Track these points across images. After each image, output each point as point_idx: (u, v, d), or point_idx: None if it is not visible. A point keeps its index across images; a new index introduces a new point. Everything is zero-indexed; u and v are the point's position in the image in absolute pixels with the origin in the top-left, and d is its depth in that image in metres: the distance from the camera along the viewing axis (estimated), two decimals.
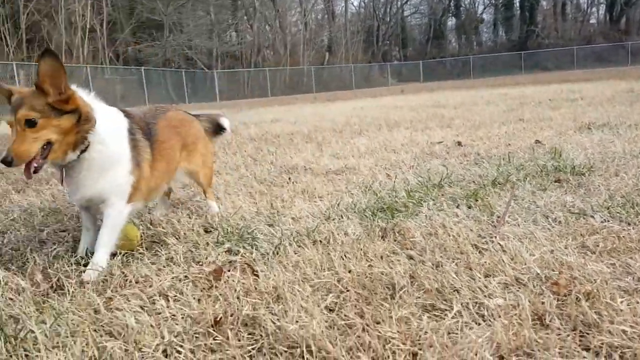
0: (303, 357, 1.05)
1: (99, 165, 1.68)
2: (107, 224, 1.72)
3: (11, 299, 1.44)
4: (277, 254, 1.67)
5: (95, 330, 1.21)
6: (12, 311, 1.35)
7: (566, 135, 3.95)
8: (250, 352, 1.08)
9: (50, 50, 1.52)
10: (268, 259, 1.64)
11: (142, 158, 1.81)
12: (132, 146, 1.78)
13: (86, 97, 1.69)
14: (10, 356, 1.11)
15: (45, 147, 1.54)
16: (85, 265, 1.67)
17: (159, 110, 2.08)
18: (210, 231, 2.00)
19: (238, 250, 1.73)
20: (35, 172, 1.54)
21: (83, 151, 1.63)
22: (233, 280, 1.46)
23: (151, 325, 1.21)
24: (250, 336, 1.15)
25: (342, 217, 2.05)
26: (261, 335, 1.14)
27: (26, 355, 1.11)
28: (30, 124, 1.50)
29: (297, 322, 1.18)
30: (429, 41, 45.36)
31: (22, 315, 1.31)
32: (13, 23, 25.02)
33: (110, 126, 1.72)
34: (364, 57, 41.82)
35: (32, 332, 1.19)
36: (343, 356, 1.02)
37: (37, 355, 1.10)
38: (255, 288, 1.40)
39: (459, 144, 3.95)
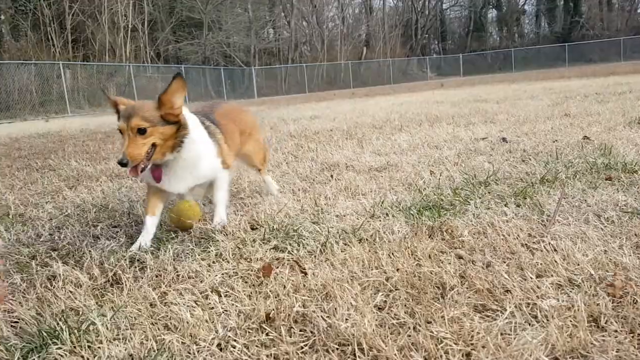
0: (355, 355, 1.06)
1: (193, 160, 2.01)
2: (218, 187, 2.17)
3: (71, 292, 1.50)
4: (324, 251, 1.69)
5: (152, 324, 1.25)
6: (73, 304, 1.41)
7: (615, 130, 3.81)
8: (302, 348, 1.10)
9: (181, 74, 1.90)
10: (315, 256, 1.65)
11: (218, 139, 2.18)
12: (209, 134, 2.14)
13: None
14: (74, 347, 1.16)
15: (149, 150, 1.83)
16: (138, 260, 1.73)
17: (214, 104, 2.44)
18: (257, 228, 2.04)
19: (285, 248, 1.75)
20: (141, 171, 1.83)
21: (179, 150, 1.94)
22: (282, 277, 1.48)
23: (205, 320, 1.24)
24: (301, 333, 1.17)
25: (387, 215, 2.05)
26: (312, 332, 1.16)
27: (89, 346, 1.16)
28: (141, 131, 1.79)
29: (347, 320, 1.19)
30: (469, 34, 44.53)
31: (83, 307, 1.37)
32: (59, 24, 25.91)
33: (193, 124, 2.02)
34: (402, 52, 41.37)
35: (94, 324, 1.24)
36: (395, 355, 1.03)
37: (99, 347, 1.15)
38: (304, 285, 1.41)
39: (504, 140, 3.87)
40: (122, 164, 1.75)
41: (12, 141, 7.30)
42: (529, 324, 1.13)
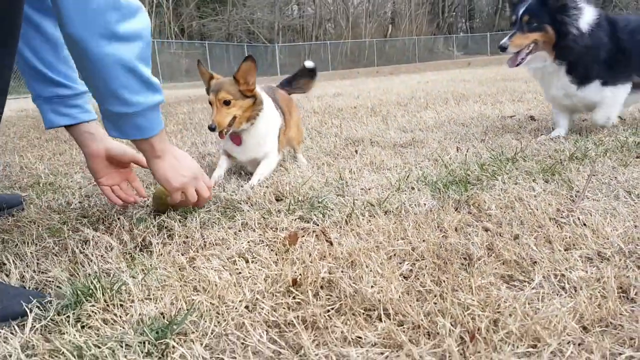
0: (380, 319, 1.07)
1: (264, 132, 2.38)
2: (264, 164, 2.40)
3: (102, 256, 1.54)
4: (349, 222, 1.70)
5: (181, 286, 1.28)
6: (104, 266, 1.45)
7: None
8: (329, 311, 1.12)
9: (251, 56, 2.23)
10: (341, 226, 1.66)
11: (284, 123, 2.54)
12: (280, 114, 2.50)
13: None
14: (107, 305, 1.20)
15: (232, 120, 2.23)
16: (166, 227, 1.76)
17: (273, 88, 2.71)
18: (281, 199, 2.05)
19: (310, 218, 1.77)
20: (224, 135, 2.26)
21: (253, 123, 2.33)
22: (307, 246, 1.50)
23: (233, 284, 1.27)
24: (328, 297, 1.18)
25: (412, 188, 2.04)
26: (338, 297, 1.17)
27: (121, 305, 1.20)
28: (226, 103, 2.20)
29: (373, 286, 1.20)
30: (497, 12, 43.45)
31: (115, 270, 1.41)
32: None
33: (268, 104, 2.40)
34: (428, 30, 40.65)
35: (126, 284, 1.27)
36: (422, 320, 1.04)
37: (131, 306, 1.19)
38: (330, 254, 1.43)
39: (532, 118, 3.81)
40: (212, 128, 2.16)
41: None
42: (557, 295, 1.13)
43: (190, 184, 1.77)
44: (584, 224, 1.51)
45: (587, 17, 2.75)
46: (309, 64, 2.97)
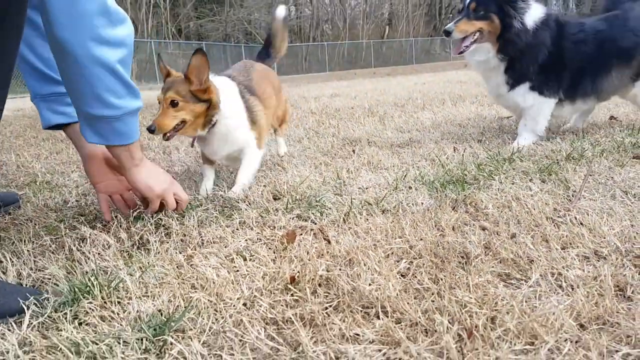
0: (378, 316, 1.07)
1: (225, 134, 2.11)
2: (244, 167, 2.19)
3: (99, 254, 1.54)
4: (347, 221, 1.70)
5: (179, 283, 1.28)
6: (102, 264, 1.45)
7: None
8: (327, 308, 1.12)
9: (201, 50, 1.93)
10: (338, 225, 1.66)
11: (256, 114, 2.22)
12: (246, 109, 2.19)
13: (212, 77, 2.07)
14: (105, 302, 1.19)
15: (179, 124, 1.95)
16: (163, 225, 1.76)
17: (247, 65, 2.45)
18: (279, 198, 2.05)
19: (308, 217, 1.77)
20: (167, 139, 1.97)
21: (212, 127, 2.07)
22: (305, 244, 1.50)
23: (231, 281, 1.27)
24: (326, 295, 1.19)
25: (410, 188, 2.04)
26: (336, 295, 1.18)
27: (119, 302, 1.20)
28: (174, 104, 1.92)
29: (371, 284, 1.20)
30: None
31: (112, 267, 1.41)
32: None
33: (229, 101, 2.10)
34: (425, 31, 40.73)
35: (123, 281, 1.27)
36: (419, 317, 1.04)
37: (128, 303, 1.19)
38: (328, 252, 1.43)
39: None
40: (150, 130, 1.89)
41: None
42: (554, 293, 1.13)
43: (170, 189, 1.79)
44: (581, 223, 1.52)
45: (533, 13, 2.71)
46: (280, 11, 2.79)
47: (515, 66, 2.76)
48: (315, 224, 1.69)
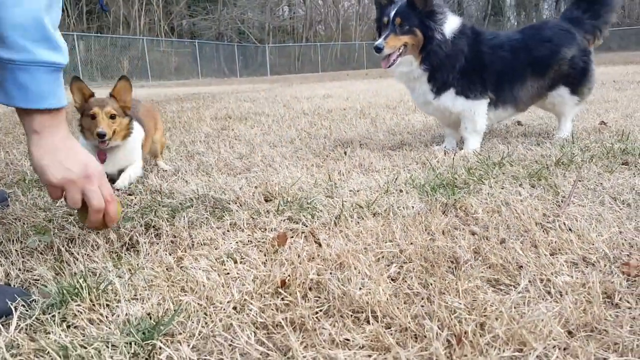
0: (368, 321, 1.08)
1: (131, 147, 2.47)
2: (132, 167, 2.47)
3: (88, 255, 1.53)
4: (338, 224, 1.70)
5: (169, 286, 1.27)
6: (90, 265, 1.44)
7: (633, 117, 3.77)
8: (317, 313, 1.12)
9: (125, 76, 2.40)
10: (329, 228, 1.67)
11: (144, 135, 2.62)
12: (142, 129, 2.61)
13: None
14: (93, 305, 1.19)
15: (113, 133, 2.32)
16: (153, 226, 1.75)
17: (135, 103, 2.77)
18: (270, 200, 2.05)
19: (299, 219, 1.77)
20: (106, 137, 2.26)
21: (125, 141, 2.42)
22: (296, 247, 1.50)
23: (221, 284, 1.26)
24: (316, 299, 1.19)
25: (401, 191, 2.05)
26: (327, 299, 1.18)
27: (107, 305, 1.19)
28: (112, 117, 2.30)
29: (361, 288, 1.20)
30: (487, 18, 43.83)
31: (101, 269, 1.40)
32: None
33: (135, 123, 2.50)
34: None
35: (112, 283, 1.26)
36: (409, 322, 1.04)
37: (117, 306, 1.18)
38: (319, 255, 1.43)
39: (519, 123, 3.85)
40: (102, 135, 2.23)
41: None
42: (543, 299, 1.14)
43: (76, 183, 1.34)
44: (570, 229, 1.53)
45: (450, 24, 2.81)
46: None
47: (437, 75, 2.85)
48: (307, 226, 1.69)
